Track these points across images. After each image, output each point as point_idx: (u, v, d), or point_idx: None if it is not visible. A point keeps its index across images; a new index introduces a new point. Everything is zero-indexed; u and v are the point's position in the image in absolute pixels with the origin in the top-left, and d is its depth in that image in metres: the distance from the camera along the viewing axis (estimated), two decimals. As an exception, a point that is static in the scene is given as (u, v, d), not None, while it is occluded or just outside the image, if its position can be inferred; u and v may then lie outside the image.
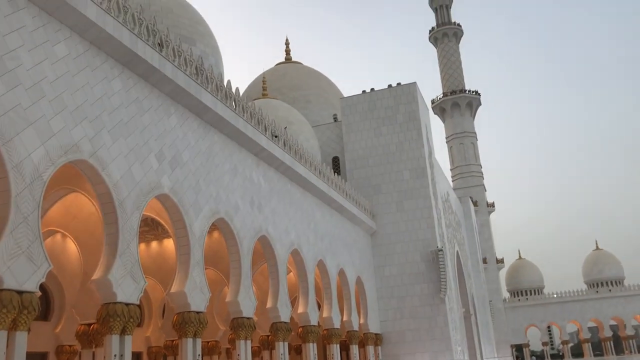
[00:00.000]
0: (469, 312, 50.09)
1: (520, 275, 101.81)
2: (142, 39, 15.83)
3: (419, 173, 38.59)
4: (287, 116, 37.03)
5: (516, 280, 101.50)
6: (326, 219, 29.49)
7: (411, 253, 37.08)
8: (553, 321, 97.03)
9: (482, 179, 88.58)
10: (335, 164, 42.61)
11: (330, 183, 29.79)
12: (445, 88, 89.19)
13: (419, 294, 36.02)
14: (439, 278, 35.60)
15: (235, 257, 20.00)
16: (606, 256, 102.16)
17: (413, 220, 37.74)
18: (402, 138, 39.70)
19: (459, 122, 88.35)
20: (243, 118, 21.08)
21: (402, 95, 40.77)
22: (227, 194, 19.77)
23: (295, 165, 25.33)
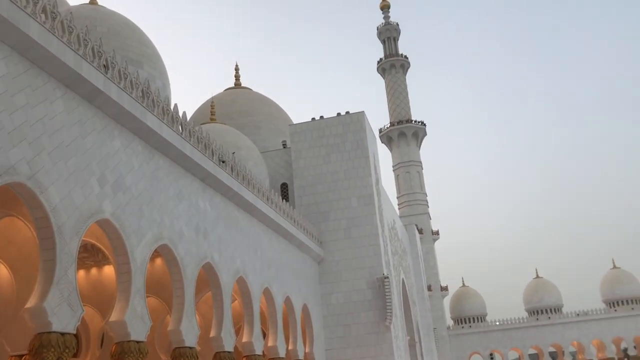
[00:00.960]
0: (414, 339, 50.43)
1: (463, 303, 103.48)
2: (87, 60, 15.51)
3: (367, 200, 38.97)
4: (236, 141, 36.86)
5: (460, 308, 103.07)
6: (273, 246, 29.27)
7: (358, 280, 37.17)
8: (495, 348, 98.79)
9: (427, 207, 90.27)
10: (283, 190, 42.55)
11: (278, 210, 29.66)
12: (393, 118, 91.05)
13: (364, 322, 36.02)
14: (384, 306, 35.76)
15: (178, 284, 19.52)
16: (546, 284, 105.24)
17: (360, 248, 37.94)
18: (350, 166, 40.11)
19: (405, 151, 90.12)
20: (190, 142, 20.82)
21: (350, 124, 41.32)
22: (171, 219, 19.38)
23: (243, 191, 25.13)
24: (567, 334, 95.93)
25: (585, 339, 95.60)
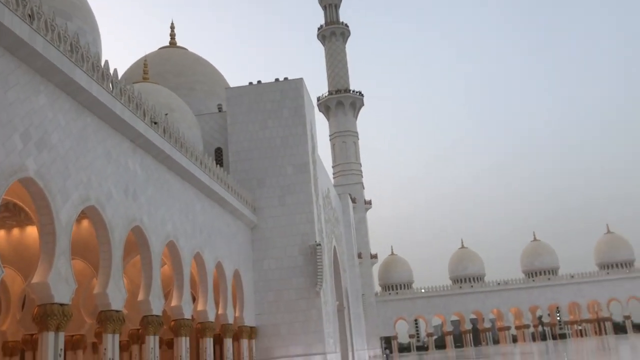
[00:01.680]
0: (343, 305, 51.63)
1: (391, 271, 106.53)
2: (9, 7, 14.55)
3: (302, 168, 39.07)
4: (169, 103, 35.91)
5: (388, 276, 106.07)
6: (206, 211, 28.98)
7: (290, 247, 37.47)
8: (420, 315, 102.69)
9: (362, 178, 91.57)
10: (218, 155, 41.99)
11: (212, 175, 29.30)
12: (331, 86, 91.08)
13: (295, 288, 36.50)
14: (315, 272, 36.30)
15: (105, 247, 19.06)
16: (470, 254, 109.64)
17: (294, 215, 38.15)
18: (287, 133, 39.95)
19: (342, 121, 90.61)
20: (120, 101, 20.10)
21: (288, 90, 41.02)
22: (99, 180, 18.77)
23: (175, 154, 24.61)
24: (488, 301, 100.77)
25: (504, 306, 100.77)
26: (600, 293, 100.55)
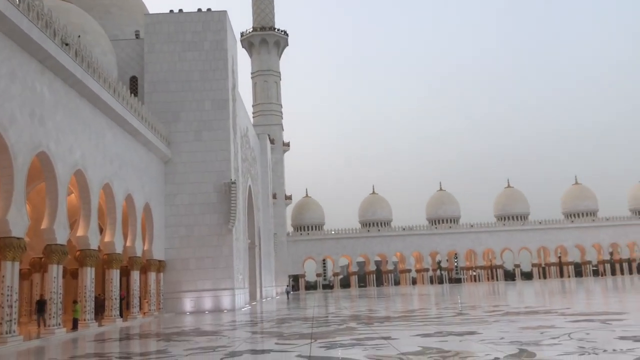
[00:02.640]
0: (254, 243, 52.34)
1: (304, 212, 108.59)
2: None
3: (221, 105, 38.39)
4: (82, 24, 33.81)
5: (301, 217, 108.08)
6: (118, 141, 28.05)
7: (204, 183, 37.19)
8: (328, 255, 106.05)
9: (281, 119, 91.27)
10: (133, 84, 40.33)
11: (126, 104, 28.22)
12: (256, 23, 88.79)
13: (207, 224, 36.52)
14: (229, 210, 36.41)
15: (7, 172, 18.13)
16: (380, 200, 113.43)
17: (210, 152, 37.69)
18: (207, 67, 38.89)
19: (266, 60, 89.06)
20: (28, 17, 18.73)
21: (211, 22, 39.67)
22: (2, 101, 17.65)
23: (87, 80, 23.44)
24: (393, 245, 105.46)
25: (407, 250, 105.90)
26: (495, 242, 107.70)
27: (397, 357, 8.37)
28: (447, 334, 11.56)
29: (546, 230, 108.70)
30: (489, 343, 9.59)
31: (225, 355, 9.81)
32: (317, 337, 12.55)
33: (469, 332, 11.74)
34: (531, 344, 9.17)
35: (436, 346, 9.47)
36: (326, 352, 9.72)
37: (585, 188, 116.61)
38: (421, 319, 16.62)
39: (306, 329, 15.09)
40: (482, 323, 13.94)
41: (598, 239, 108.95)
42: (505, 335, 10.74)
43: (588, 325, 11.92)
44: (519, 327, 12.36)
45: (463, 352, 8.49)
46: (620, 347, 8.25)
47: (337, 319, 18.70)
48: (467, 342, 9.91)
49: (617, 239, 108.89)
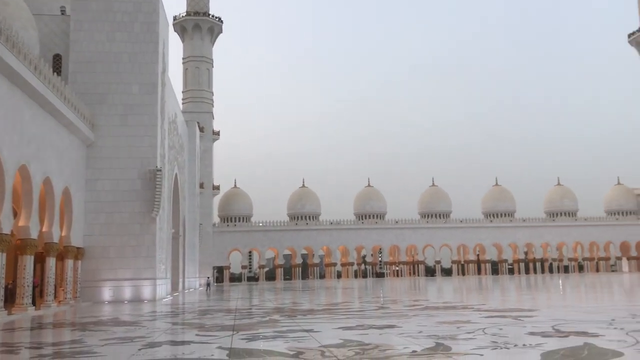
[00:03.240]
0: (179, 233, 51.31)
1: (232, 203, 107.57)
2: None
3: (150, 89, 37.27)
4: (3, -5, 31.85)
5: (228, 208, 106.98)
6: (37, 122, 26.66)
7: (128, 170, 36.02)
8: (255, 247, 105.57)
9: (212, 107, 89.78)
10: (56, 62, 38.46)
11: (47, 82, 26.85)
12: (190, 7, 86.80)
13: (130, 212, 35.42)
14: (153, 198, 35.47)
15: None
16: (309, 193, 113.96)
17: (135, 137, 36.53)
18: (136, 49, 37.62)
19: (198, 46, 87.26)
20: (-59, -16, 17.47)
21: (143, 4, 38.38)
22: None
23: (5, 54, 22.11)
24: (320, 239, 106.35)
25: (334, 244, 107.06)
26: (418, 239, 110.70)
27: (318, 349, 8.43)
28: (368, 327, 11.77)
29: (466, 228, 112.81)
30: (408, 337, 9.83)
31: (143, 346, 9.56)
32: (239, 329, 12.46)
33: (389, 325, 12.00)
34: (447, 338, 9.47)
35: (357, 339, 9.61)
36: (248, 344, 9.67)
37: (504, 190, 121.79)
38: (344, 312, 16.84)
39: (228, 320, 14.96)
40: (402, 317, 14.29)
41: (514, 238, 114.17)
42: (423, 329, 11.05)
43: (501, 321, 12.46)
44: (437, 321, 12.75)
45: (382, 345, 8.66)
46: (530, 342, 8.67)
47: (261, 312, 18.65)
48: (387, 335, 10.12)
49: (532, 240, 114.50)
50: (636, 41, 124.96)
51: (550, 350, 7.85)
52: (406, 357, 7.49)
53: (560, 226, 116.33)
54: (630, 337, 9.04)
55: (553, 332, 10.11)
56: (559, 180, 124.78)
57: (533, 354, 7.48)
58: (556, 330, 10.29)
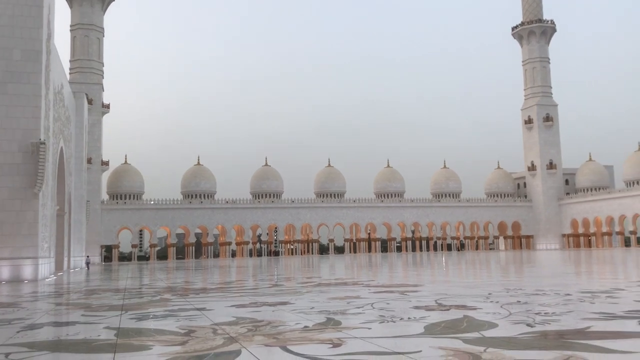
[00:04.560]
0: (64, 210, 48.63)
1: (122, 180, 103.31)
2: None
3: (33, 56, 34.66)
4: None
5: (118, 184, 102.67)
6: None
7: (9, 142, 33.45)
8: (146, 225, 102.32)
9: (102, 78, 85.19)
10: None
11: None
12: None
13: (10, 187, 33.01)
14: (36, 172, 33.26)
15: None
16: (204, 171, 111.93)
17: (17, 107, 33.93)
18: (17, 12, 34.76)
19: (88, 13, 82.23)
20: None
21: (25, -38, 35.44)
22: None
23: None
24: (215, 218, 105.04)
25: (229, 223, 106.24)
26: (313, 218, 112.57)
27: (210, 327, 8.41)
28: (262, 304, 11.88)
29: (359, 208, 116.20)
30: (300, 313, 10.04)
31: (22, 328, 9.04)
32: (128, 308, 12.12)
33: (282, 302, 12.19)
34: (338, 313, 9.79)
35: (250, 316, 9.69)
36: (137, 323, 9.44)
37: (395, 171, 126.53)
38: (237, 290, 16.87)
39: (117, 300, 14.49)
40: (295, 294, 14.56)
41: (403, 218, 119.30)
42: (315, 305, 11.34)
43: (389, 296, 13.04)
44: (329, 297, 13.12)
45: (275, 322, 8.80)
46: (415, 316, 9.16)
47: (151, 291, 18.22)
48: (280, 312, 10.28)
49: (419, 219, 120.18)
50: (519, 34, 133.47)
51: (433, 322, 8.36)
52: (298, 332, 7.67)
53: (445, 207, 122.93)
54: (504, 309, 9.81)
55: (436, 305, 10.75)
56: (445, 164, 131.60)
57: (417, 327, 7.92)
58: (439, 304, 10.95)
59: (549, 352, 5.89)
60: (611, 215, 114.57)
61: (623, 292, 13.09)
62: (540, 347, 6.21)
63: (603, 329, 7.38)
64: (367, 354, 6.02)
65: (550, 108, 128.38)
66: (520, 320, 8.36)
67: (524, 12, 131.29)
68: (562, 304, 10.48)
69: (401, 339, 7.03)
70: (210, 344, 6.94)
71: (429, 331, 7.47)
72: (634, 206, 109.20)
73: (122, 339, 7.61)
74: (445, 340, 6.75)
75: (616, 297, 11.63)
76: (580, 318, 8.51)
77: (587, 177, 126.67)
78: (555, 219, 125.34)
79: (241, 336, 7.45)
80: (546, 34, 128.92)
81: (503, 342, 6.55)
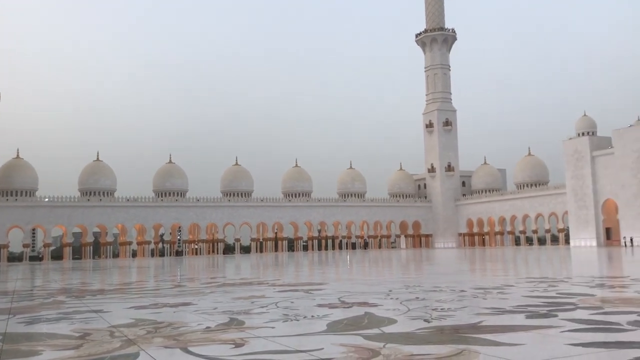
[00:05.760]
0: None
1: (13, 175, 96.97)
2: None
3: None
4: None
5: (8, 180, 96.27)
6: None
7: None
8: (39, 224, 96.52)
9: (-9, 65, 79.48)
10: None
11: None
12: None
13: None
14: None
15: None
16: (103, 167, 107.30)
17: None
18: None
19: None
20: None
21: None
22: None
23: None
24: (115, 216, 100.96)
25: (129, 222, 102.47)
26: (219, 217, 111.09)
27: (107, 329, 8.06)
28: (163, 305, 11.55)
29: (266, 207, 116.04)
30: (203, 313, 9.87)
31: None
32: (17, 312, 11.36)
33: (184, 303, 11.91)
34: (242, 313, 9.71)
35: (150, 318, 9.39)
36: (27, 327, 8.87)
37: (303, 171, 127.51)
38: (137, 291, 16.29)
39: (4, 304, 13.54)
40: (198, 294, 14.29)
41: (310, 217, 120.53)
42: (218, 305, 11.18)
43: (293, 295, 13.10)
44: (233, 297, 12.98)
45: (176, 323, 8.58)
46: (318, 314, 9.26)
47: (44, 293, 17.18)
48: (182, 313, 10.05)
49: (325, 218, 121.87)
50: (422, 41, 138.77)
51: (336, 320, 8.48)
52: (199, 333, 7.53)
53: (350, 206, 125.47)
54: (403, 306, 10.14)
55: (339, 303, 10.92)
56: (351, 164, 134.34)
57: (320, 324, 8.01)
58: (342, 302, 11.13)
59: (444, 346, 6.15)
60: (503, 215, 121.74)
61: (512, 288, 13.94)
62: (436, 341, 6.47)
63: (494, 323, 7.81)
64: (269, 353, 6.01)
65: (449, 113, 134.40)
66: (418, 316, 8.67)
67: (427, 20, 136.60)
68: (457, 300, 10.99)
69: (304, 337, 7.08)
70: (107, 347, 6.65)
71: (332, 329, 7.58)
72: (524, 207, 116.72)
73: (8, 345, 7.11)
74: (346, 337, 6.87)
75: (506, 293, 12.37)
76: (474, 313, 8.96)
77: (482, 180, 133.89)
78: (453, 218, 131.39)
79: (140, 338, 7.20)
80: (447, 41, 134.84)
81: (401, 337, 6.76)
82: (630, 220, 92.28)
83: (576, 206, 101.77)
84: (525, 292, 12.36)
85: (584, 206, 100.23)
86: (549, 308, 9.29)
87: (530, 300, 10.58)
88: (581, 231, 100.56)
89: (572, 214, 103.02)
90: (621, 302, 10.06)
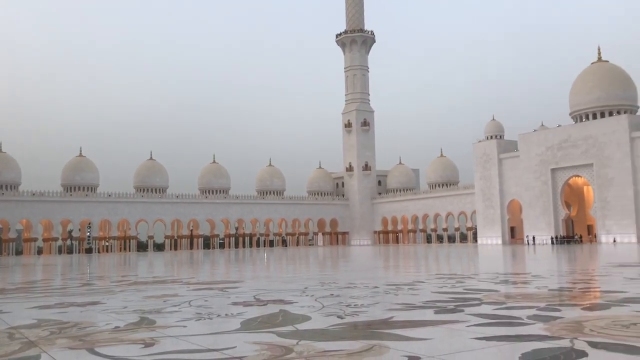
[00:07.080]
0: None
1: None
2: None
3: None
4: None
5: None
6: None
7: None
8: None
9: None
10: None
11: None
12: None
13: None
14: None
15: None
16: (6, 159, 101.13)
17: None
18: None
19: None
20: None
21: None
22: None
23: None
24: (19, 211, 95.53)
25: (35, 218, 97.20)
26: (132, 213, 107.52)
27: (6, 331, 7.60)
28: (69, 305, 11.03)
29: (181, 204, 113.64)
30: (112, 313, 9.52)
31: None
32: None
33: (93, 302, 11.44)
34: (153, 312, 9.46)
35: (54, 318, 8.94)
36: None
37: (221, 167, 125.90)
38: (42, 290, 15.47)
39: None
40: (108, 293, 13.77)
41: (227, 214, 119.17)
42: (129, 304, 10.82)
43: (208, 293, 12.91)
44: (144, 296, 12.61)
45: (83, 323, 8.22)
46: (232, 312, 9.18)
47: None
48: (89, 313, 9.64)
49: (243, 216, 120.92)
50: (342, 42, 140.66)
51: (250, 318, 8.44)
52: (107, 333, 7.26)
53: (268, 204, 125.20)
54: (318, 302, 10.24)
55: (254, 301, 10.87)
56: (270, 162, 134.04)
57: (234, 322, 7.94)
58: (257, 300, 11.09)
59: (356, 342, 6.27)
60: (416, 214, 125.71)
61: (423, 284, 14.42)
62: (349, 337, 6.58)
63: (405, 318, 8.05)
64: (180, 353, 5.89)
65: (367, 114, 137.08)
66: (332, 312, 8.79)
67: (347, 21, 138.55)
68: (370, 296, 11.23)
69: (217, 335, 6.99)
70: (5, 349, 6.27)
71: (245, 327, 7.53)
72: (435, 206, 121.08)
73: None
74: (260, 334, 6.85)
75: (417, 289, 12.78)
76: (386, 309, 9.19)
77: (397, 179, 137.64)
78: (369, 216, 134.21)
79: (42, 339, 6.84)
80: (366, 43, 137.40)
81: (315, 334, 6.82)
82: (533, 219, 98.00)
83: (484, 206, 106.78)
84: (435, 288, 12.82)
85: (491, 206, 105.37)
86: (456, 303, 9.68)
87: (439, 296, 10.99)
88: (488, 230, 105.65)
89: (479, 214, 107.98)
90: (523, 297, 10.66)
